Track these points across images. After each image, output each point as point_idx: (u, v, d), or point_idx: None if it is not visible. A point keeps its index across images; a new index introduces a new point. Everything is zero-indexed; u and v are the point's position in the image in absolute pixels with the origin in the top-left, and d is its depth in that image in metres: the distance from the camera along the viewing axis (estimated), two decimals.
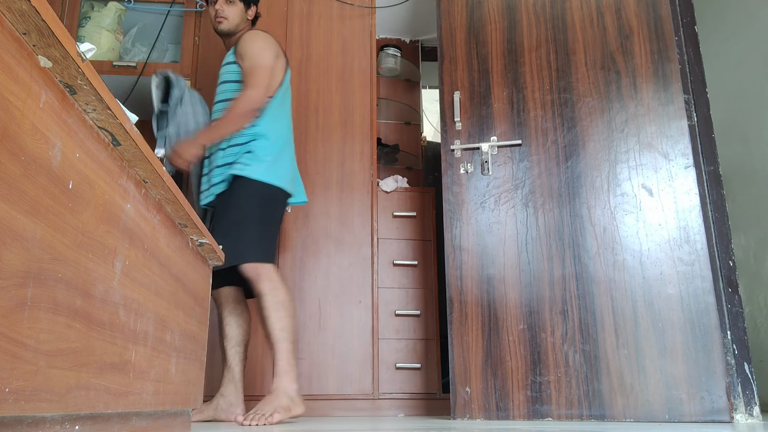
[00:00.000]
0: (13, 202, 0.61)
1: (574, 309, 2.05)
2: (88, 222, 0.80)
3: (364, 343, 2.52)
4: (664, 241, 2.07)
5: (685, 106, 2.20)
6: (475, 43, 2.39)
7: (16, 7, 0.59)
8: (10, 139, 0.61)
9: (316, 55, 2.85)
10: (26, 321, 0.64)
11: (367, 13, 2.94)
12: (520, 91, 2.31)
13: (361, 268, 2.60)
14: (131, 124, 0.88)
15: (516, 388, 2.02)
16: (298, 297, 2.54)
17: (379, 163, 3.23)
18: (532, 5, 2.39)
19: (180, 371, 1.28)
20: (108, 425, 0.95)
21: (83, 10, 2.75)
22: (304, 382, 2.44)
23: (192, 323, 1.40)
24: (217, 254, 1.55)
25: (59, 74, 0.70)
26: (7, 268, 0.60)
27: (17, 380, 0.62)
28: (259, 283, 1.97)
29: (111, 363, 0.89)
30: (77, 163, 0.77)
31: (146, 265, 1.05)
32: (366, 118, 2.80)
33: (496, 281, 2.13)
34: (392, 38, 3.53)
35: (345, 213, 2.65)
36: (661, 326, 1.99)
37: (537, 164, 2.23)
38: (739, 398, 2.00)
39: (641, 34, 2.27)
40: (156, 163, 1.00)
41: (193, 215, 1.26)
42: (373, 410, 2.47)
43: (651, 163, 2.15)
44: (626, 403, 1.94)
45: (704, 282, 2.01)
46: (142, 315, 1.03)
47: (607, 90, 2.25)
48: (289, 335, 1.95)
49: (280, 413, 1.84)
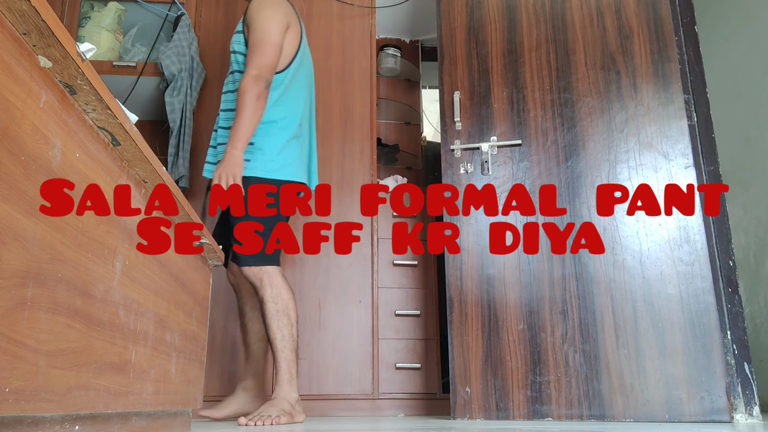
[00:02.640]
0: (13, 202, 0.61)
1: (574, 309, 2.05)
2: (88, 222, 0.80)
3: (364, 343, 2.52)
4: (664, 241, 2.07)
5: (685, 106, 2.20)
6: (475, 43, 2.39)
7: (16, 7, 0.59)
8: (10, 139, 0.61)
9: (316, 55, 2.85)
10: (26, 321, 0.64)
11: (367, 13, 2.94)
12: (520, 91, 2.31)
13: (361, 268, 2.60)
14: (131, 124, 0.88)
15: (516, 388, 2.02)
16: (298, 297, 2.54)
17: (379, 163, 3.23)
18: (532, 5, 2.39)
19: (180, 371, 1.28)
20: (108, 425, 0.95)
21: (83, 10, 2.75)
22: (304, 382, 2.43)
23: (192, 323, 1.40)
24: (217, 254, 1.55)
25: (59, 74, 0.70)
26: (7, 268, 0.60)
27: (17, 380, 0.62)
28: (260, 290, 1.93)
29: (111, 363, 0.89)
30: (77, 163, 0.77)
31: (146, 265, 1.05)
32: (366, 118, 2.80)
33: (496, 281, 2.13)
34: (392, 38, 3.53)
35: (345, 213, 2.65)
36: (661, 326, 1.99)
37: (537, 164, 2.23)
38: (739, 398, 2.00)
39: (641, 34, 2.27)
40: (156, 163, 1.00)
41: (192, 215, 1.26)
42: (373, 410, 2.47)
43: (651, 163, 2.15)
44: (626, 403, 1.94)
45: (704, 282, 2.01)
46: (142, 315, 1.03)
47: (607, 90, 2.25)
48: (290, 344, 1.91)
49: (284, 417, 1.81)
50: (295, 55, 2.05)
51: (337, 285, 2.57)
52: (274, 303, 1.91)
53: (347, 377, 2.47)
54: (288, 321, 1.92)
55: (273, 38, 1.93)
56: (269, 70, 1.91)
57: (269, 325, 1.91)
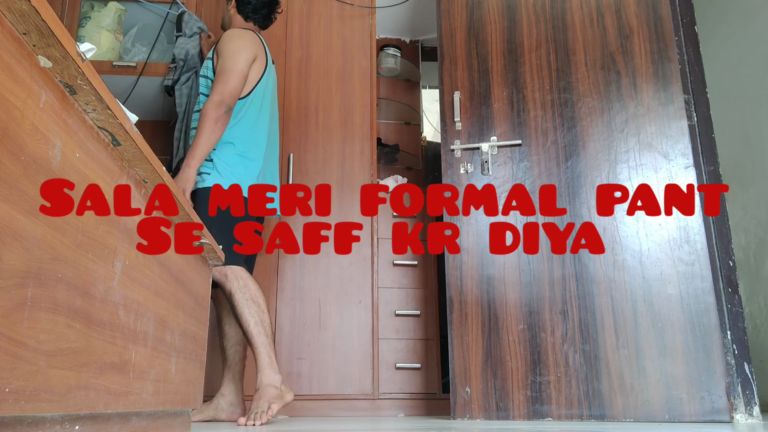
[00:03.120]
0: (13, 202, 0.61)
1: (574, 309, 2.05)
2: (88, 222, 0.80)
3: (364, 343, 2.52)
4: (664, 241, 2.07)
5: (685, 106, 2.20)
6: (475, 43, 2.39)
7: (16, 7, 0.59)
8: (10, 139, 0.61)
9: (316, 55, 2.85)
10: (26, 321, 0.64)
11: (367, 13, 2.94)
12: (520, 91, 2.31)
13: (361, 268, 2.60)
14: (131, 124, 0.88)
15: (516, 388, 2.02)
16: (299, 297, 2.54)
17: (379, 163, 3.23)
18: (532, 5, 2.39)
19: (180, 371, 1.28)
20: (108, 425, 0.95)
21: (83, 10, 2.75)
22: (304, 382, 2.44)
23: (192, 323, 1.40)
24: (216, 254, 1.55)
25: (59, 74, 0.70)
26: (7, 268, 0.60)
27: (17, 380, 0.62)
28: (226, 284, 1.97)
29: (111, 363, 0.89)
30: (77, 163, 0.77)
31: (146, 265, 1.05)
32: (366, 118, 2.80)
33: (496, 281, 2.13)
34: (392, 38, 3.53)
35: (345, 213, 2.65)
36: (661, 326, 1.99)
37: (537, 164, 2.23)
38: (739, 398, 2.00)
39: (641, 34, 2.27)
40: (156, 163, 1.00)
41: (192, 215, 1.26)
42: (373, 410, 2.47)
43: (651, 163, 2.15)
44: (626, 403, 1.94)
45: (704, 282, 2.00)
46: (142, 315, 1.03)
47: (607, 90, 2.25)
48: (265, 329, 1.95)
49: (275, 403, 1.85)
50: (257, 83, 2.18)
51: (337, 285, 2.57)
52: (242, 293, 1.96)
53: (347, 377, 2.47)
54: (258, 308, 1.96)
55: (238, 68, 2.08)
56: (232, 97, 2.04)
57: (241, 314, 1.95)
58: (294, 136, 2.74)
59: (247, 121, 2.14)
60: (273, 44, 2.83)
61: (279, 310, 2.51)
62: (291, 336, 2.49)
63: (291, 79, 2.81)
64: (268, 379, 1.90)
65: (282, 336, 2.48)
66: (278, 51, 2.84)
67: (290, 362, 2.45)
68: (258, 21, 2.31)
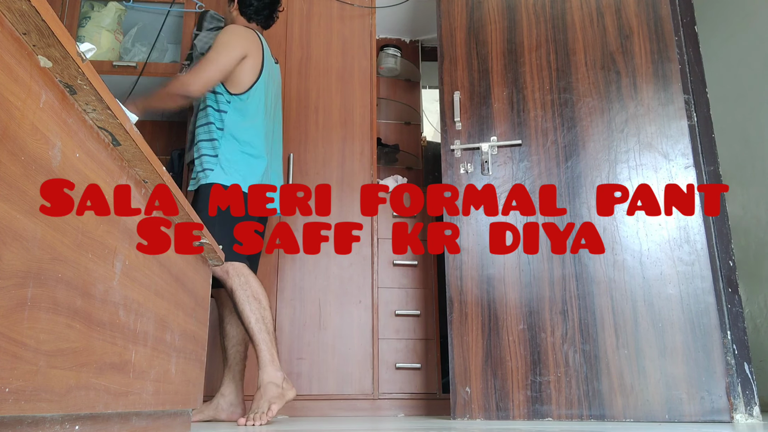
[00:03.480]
0: (13, 202, 0.61)
1: (574, 309, 2.05)
2: (88, 222, 0.80)
3: (364, 343, 2.52)
4: (664, 241, 2.07)
5: (685, 106, 2.20)
6: (475, 43, 2.39)
7: (16, 7, 0.59)
8: (10, 139, 0.61)
9: (316, 55, 2.85)
10: (26, 321, 0.64)
11: (367, 13, 2.94)
12: (520, 91, 2.31)
13: (361, 268, 2.60)
14: (131, 124, 0.88)
15: (516, 388, 2.02)
16: (299, 297, 2.54)
17: (379, 163, 3.23)
18: (532, 5, 2.39)
19: (180, 371, 1.28)
20: (108, 425, 0.95)
21: (83, 10, 2.75)
22: (304, 382, 2.43)
23: (192, 323, 1.40)
24: (217, 254, 1.55)
25: (59, 74, 0.70)
26: (7, 268, 0.60)
27: (17, 380, 0.62)
28: (227, 281, 1.97)
29: (111, 363, 0.89)
30: (77, 163, 0.77)
31: (146, 265, 1.05)
32: (366, 118, 2.80)
33: (496, 281, 2.13)
34: (392, 38, 3.53)
35: (345, 213, 2.65)
36: (661, 326, 1.99)
37: (537, 164, 2.23)
38: (739, 398, 2.00)
39: (641, 34, 2.27)
40: (156, 163, 1.00)
41: (192, 215, 1.26)
42: (373, 410, 2.47)
43: (651, 163, 2.15)
44: (626, 403, 1.94)
45: (704, 282, 2.00)
46: (142, 315, 1.03)
47: (607, 90, 2.25)
48: (266, 326, 1.95)
49: (276, 403, 1.85)
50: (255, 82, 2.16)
51: (337, 285, 2.57)
52: (243, 290, 1.96)
53: (347, 377, 2.47)
54: (259, 305, 1.96)
55: (220, 60, 2.07)
56: (201, 84, 2.04)
57: (242, 311, 1.95)
58: (294, 135, 2.74)
59: (247, 118, 2.14)
60: (273, 44, 2.83)
61: (279, 310, 2.51)
62: (291, 336, 2.49)
63: (291, 79, 2.81)
64: (270, 377, 1.90)
65: (282, 336, 2.47)
66: (278, 51, 2.84)
67: (290, 362, 2.45)
68: (260, 22, 2.32)
